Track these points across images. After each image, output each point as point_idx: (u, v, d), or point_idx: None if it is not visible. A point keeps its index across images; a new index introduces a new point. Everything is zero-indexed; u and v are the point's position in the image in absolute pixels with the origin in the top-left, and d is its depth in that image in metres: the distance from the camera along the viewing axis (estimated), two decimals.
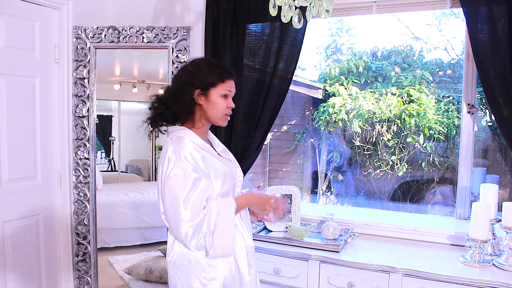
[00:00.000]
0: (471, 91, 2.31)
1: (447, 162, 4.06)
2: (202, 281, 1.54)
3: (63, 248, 2.71)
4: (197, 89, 1.58)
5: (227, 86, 1.61)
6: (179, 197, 1.45)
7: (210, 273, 1.54)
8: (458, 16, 3.93)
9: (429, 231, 2.27)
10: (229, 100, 1.63)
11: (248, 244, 1.65)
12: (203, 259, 1.54)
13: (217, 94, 1.59)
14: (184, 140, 1.55)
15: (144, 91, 3.87)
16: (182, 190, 1.45)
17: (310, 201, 4.54)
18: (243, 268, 1.60)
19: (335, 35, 4.90)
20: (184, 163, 1.48)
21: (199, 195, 1.47)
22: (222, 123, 1.66)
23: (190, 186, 1.46)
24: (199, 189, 1.47)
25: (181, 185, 1.45)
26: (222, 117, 1.63)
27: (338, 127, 4.40)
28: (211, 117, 1.62)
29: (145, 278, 3.26)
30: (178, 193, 1.45)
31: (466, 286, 1.75)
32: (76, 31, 2.59)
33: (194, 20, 2.73)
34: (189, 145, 1.53)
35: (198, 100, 1.59)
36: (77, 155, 2.64)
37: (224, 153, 1.74)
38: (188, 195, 1.45)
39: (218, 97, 1.60)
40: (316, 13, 1.48)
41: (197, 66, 1.62)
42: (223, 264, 1.56)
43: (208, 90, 1.58)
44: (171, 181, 1.47)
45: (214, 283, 1.54)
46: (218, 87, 1.59)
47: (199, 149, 1.56)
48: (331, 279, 2.00)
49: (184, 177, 1.46)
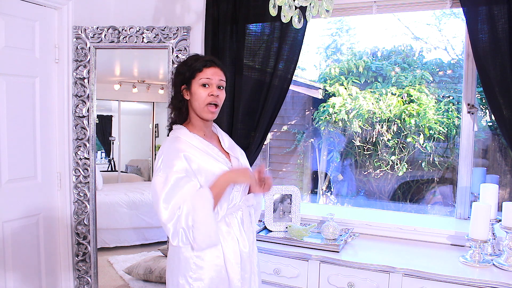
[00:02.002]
0: (471, 91, 2.31)
1: (447, 162, 4.06)
2: (188, 279, 1.54)
3: (63, 248, 2.71)
4: (182, 84, 1.61)
5: (205, 74, 1.59)
6: (159, 196, 1.45)
7: (196, 273, 1.54)
8: (458, 16, 3.94)
9: (429, 231, 2.27)
10: (210, 89, 1.59)
11: (242, 249, 1.61)
12: (191, 258, 1.54)
13: (196, 84, 1.59)
14: (178, 139, 1.56)
15: (144, 91, 3.88)
16: (162, 190, 1.45)
17: (310, 201, 4.54)
18: (233, 273, 1.57)
19: (335, 35, 4.90)
20: (170, 163, 1.49)
21: (182, 195, 1.46)
22: (206, 115, 1.60)
23: (170, 186, 1.45)
24: (185, 188, 1.47)
25: (162, 185, 1.46)
26: (204, 108, 1.59)
27: (338, 127, 4.40)
28: (195, 110, 1.61)
29: (145, 278, 3.26)
30: (158, 192, 1.46)
31: (466, 286, 1.75)
32: (76, 31, 2.59)
33: (194, 20, 2.73)
34: (181, 146, 1.54)
35: (185, 96, 1.61)
36: (77, 155, 2.64)
37: (231, 150, 1.71)
38: (168, 194, 1.45)
39: (198, 86, 1.59)
40: (316, 13, 1.48)
41: (183, 63, 1.65)
42: (210, 266, 1.55)
43: (190, 83, 1.60)
44: (154, 179, 1.49)
45: (199, 284, 1.54)
46: (197, 77, 1.59)
47: (193, 150, 1.55)
48: (331, 279, 2.00)
49: (166, 177, 1.47)
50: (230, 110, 2.51)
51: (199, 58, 1.64)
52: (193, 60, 1.63)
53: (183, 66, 1.64)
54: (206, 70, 1.60)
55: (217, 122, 1.78)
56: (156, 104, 4.45)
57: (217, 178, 1.54)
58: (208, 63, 1.61)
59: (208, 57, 1.68)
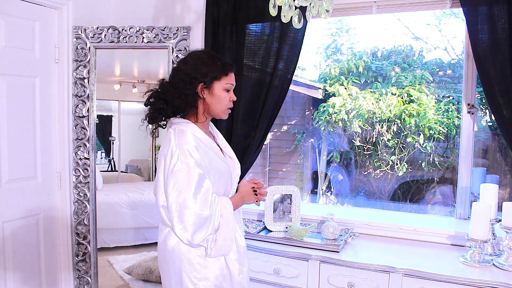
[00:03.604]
0: (471, 91, 2.31)
1: (447, 162, 4.06)
2: (193, 280, 1.54)
3: (63, 248, 2.71)
4: (200, 82, 1.56)
5: (229, 79, 1.61)
6: (188, 190, 1.44)
7: (200, 272, 1.54)
8: (458, 16, 3.93)
9: (429, 231, 2.27)
10: (231, 93, 1.63)
11: (239, 243, 1.64)
12: (194, 258, 1.54)
13: (220, 87, 1.59)
14: (187, 133, 1.53)
15: (144, 91, 3.87)
16: (188, 184, 1.45)
17: (310, 201, 4.54)
18: (233, 267, 1.60)
19: (335, 35, 4.90)
20: (187, 158, 1.47)
21: (206, 191, 1.47)
22: (224, 116, 1.66)
23: (196, 181, 1.45)
24: (205, 186, 1.48)
25: (187, 179, 1.45)
26: (224, 111, 1.64)
27: (338, 127, 4.39)
28: (214, 111, 1.62)
29: (145, 278, 3.26)
30: (184, 187, 1.44)
31: (466, 286, 1.75)
32: (76, 31, 2.59)
33: (194, 20, 2.73)
34: (192, 139, 1.52)
35: (202, 94, 1.58)
36: (77, 155, 2.64)
37: (225, 149, 1.74)
38: (197, 188, 1.45)
39: (222, 90, 1.59)
40: (316, 13, 1.48)
41: (199, 59, 1.59)
42: (214, 265, 1.56)
43: (212, 84, 1.57)
44: (176, 175, 1.45)
45: (204, 283, 1.54)
46: (222, 81, 1.59)
47: (201, 145, 1.54)
48: (331, 279, 2.00)
49: (188, 171, 1.45)
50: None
51: (219, 59, 1.61)
52: (212, 58, 1.59)
53: (203, 64, 1.57)
54: (231, 74, 1.61)
55: (217, 121, 1.79)
56: None
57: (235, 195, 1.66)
58: (231, 67, 1.62)
59: (227, 59, 1.67)
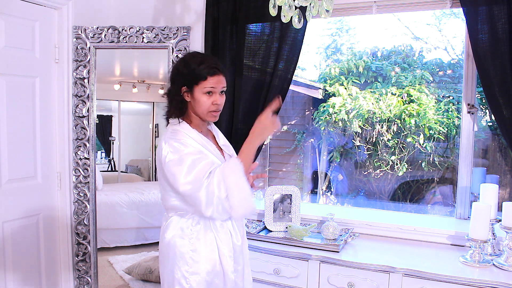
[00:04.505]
0: (471, 91, 2.31)
1: (447, 162, 4.06)
2: (184, 273, 1.57)
3: (63, 248, 2.71)
4: (183, 86, 1.59)
5: (210, 83, 1.58)
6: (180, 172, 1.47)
7: (192, 267, 1.57)
8: (458, 16, 3.93)
9: (429, 231, 2.27)
10: (214, 97, 1.60)
11: (235, 242, 1.66)
12: (187, 253, 1.57)
13: (199, 91, 1.58)
14: (179, 132, 1.58)
15: (144, 91, 3.87)
16: (181, 167, 1.47)
17: (310, 201, 4.54)
18: (227, 265, 1.61)
19: (335, 35, 4.90)
20: (179, 147, 1.51)
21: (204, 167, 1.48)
22: (210, 119, 1.66)
23: (189, 164, 1.48)
24: (200, 165, 1.48)
25: (179, 165, 1.48)
26: (207, 114, 1.62)
27: (338, 127, 4.39)
28: (198, 113, 1.63)
29: (145, 278, 3.26)
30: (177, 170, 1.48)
31: (466, 286, 1.75)
32: (76, 31, 2.59)
33: (194, 20, 2.73)
34: (184, 137, 1.57)
35: (185, 97, 1.61)
36: (77, 155, 2.64)
37: (225, 147, 1.76)
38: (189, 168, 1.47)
39: (202, 94, 1.59)
40: (316, 13, 1.48)
41: (184, 62, 1.62)
42: (206, 260, 1.58)
43: (193, 88, 1.59)
44: (169, 166, 1.50)
45: (195, 277, 1.57)
46: (200, 85, 1.58)
47: (194, 143, 1.58)
48: (331, 279, 2.00)
49: (180, 158, 1.49)
50: (230, 110, 2.51)
51: (203, 62, 1.58)
52: (196, 63, 1.58)
53: (184, 67, 1.59)
54: (211, 78, 1.58)
55: (217, 121, 1.78)
56: (156, 104, 4.45)
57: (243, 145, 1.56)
58: (212, 71, 1.58)
59: (212, 62, 1.60)
